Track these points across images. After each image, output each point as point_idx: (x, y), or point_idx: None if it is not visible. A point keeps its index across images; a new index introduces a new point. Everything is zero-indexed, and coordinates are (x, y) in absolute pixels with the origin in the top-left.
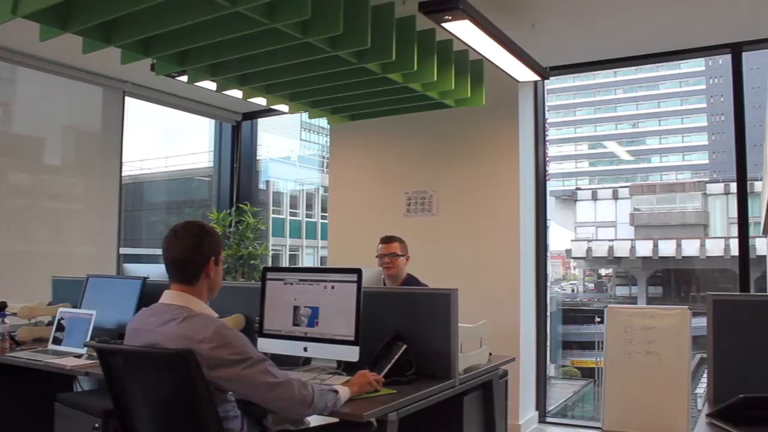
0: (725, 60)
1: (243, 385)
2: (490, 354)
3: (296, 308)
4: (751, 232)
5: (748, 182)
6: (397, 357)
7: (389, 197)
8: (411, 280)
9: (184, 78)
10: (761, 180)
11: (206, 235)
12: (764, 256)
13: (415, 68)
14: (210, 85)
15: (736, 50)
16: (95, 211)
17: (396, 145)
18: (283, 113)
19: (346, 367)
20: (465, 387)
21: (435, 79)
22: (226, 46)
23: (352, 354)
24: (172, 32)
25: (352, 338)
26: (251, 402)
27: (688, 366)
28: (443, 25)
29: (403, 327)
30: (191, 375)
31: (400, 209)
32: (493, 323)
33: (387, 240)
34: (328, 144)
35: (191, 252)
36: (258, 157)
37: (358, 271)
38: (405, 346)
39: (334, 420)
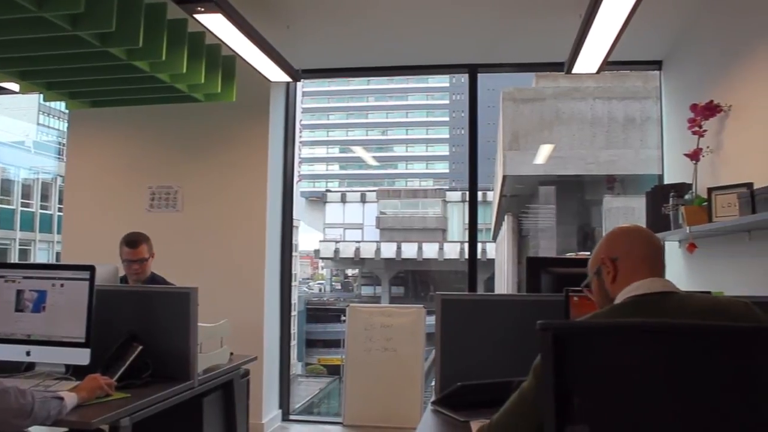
0: (466, 78)
1: None
2: (232, 353)
3: (19, 308)
4: (483, 237)
5: (483, 192)
6: (132, 359)
7: (132, 191)
8: (156, 279)
9: None
10: (493, 190)
11: None
12: (494, 259)
13: (164, 58)
14: None
15: (472, 71)
16: None
17: (141, 136)
18: (15, 93)
19: (76, 372)
20: (204, 388)
21: (184, 71)
22: None
23: (82, 357)
24: None
25: (83, 340)
26: None
27: (422, 360)
28: (195, 16)
29: (140, 327)
30: None
31: (142, 204)
32: (237, 322)
33: (133, 244)
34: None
35: None
36: None
37: (90, 268)
38: (141, 347)
39: (62, 429)
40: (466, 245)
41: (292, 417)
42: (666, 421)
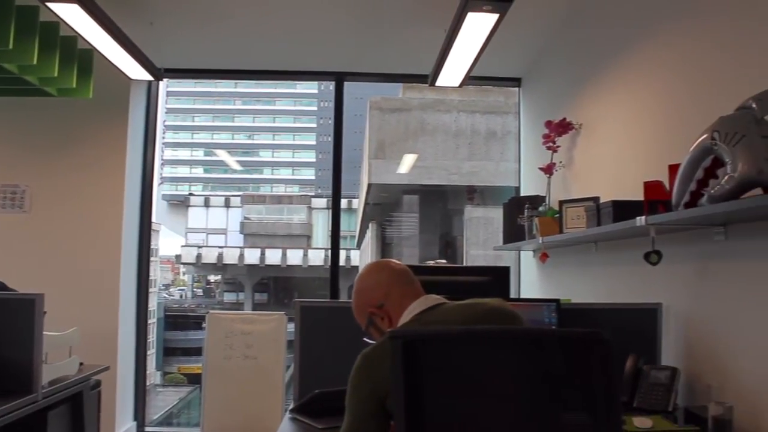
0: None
1: None
2: (82, 364)
3: None
4: (348, 244)
5: (348, 200)
6: None
7: None
8: None
9: None
10: (358, 198)
11: None
12: (358, 267)
13: (11, 46)
14: None
15: (339, 79)
16: None
17: None
18: None
19: None
20: (50, 401)
21: (35, 62)
22: None
23: None
24: None
25: None
26: None
27: (283, 367)
28: (49, 5)
29: None
30: None
31: None
32: (89, 330)
33: None
34: None
35: None
36: None
37: None
38: None
39: None
40: (330, 252)
41: (148, 429)
42: (510, 421)
